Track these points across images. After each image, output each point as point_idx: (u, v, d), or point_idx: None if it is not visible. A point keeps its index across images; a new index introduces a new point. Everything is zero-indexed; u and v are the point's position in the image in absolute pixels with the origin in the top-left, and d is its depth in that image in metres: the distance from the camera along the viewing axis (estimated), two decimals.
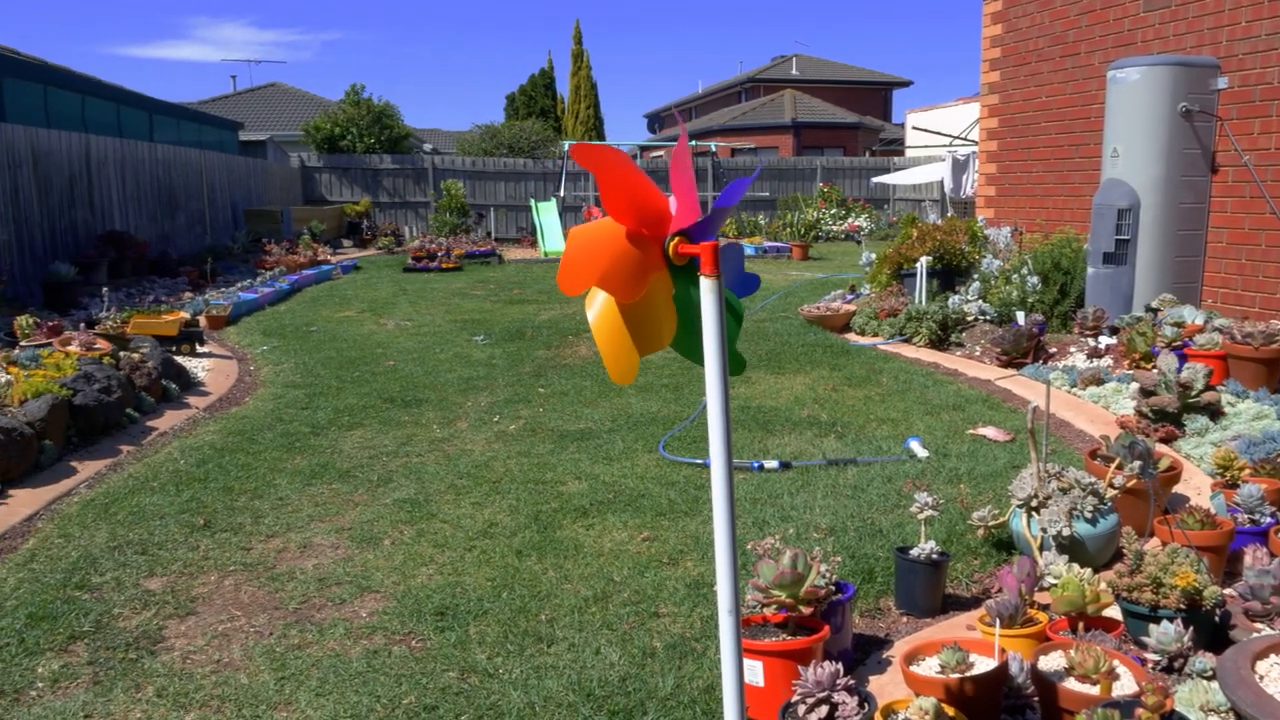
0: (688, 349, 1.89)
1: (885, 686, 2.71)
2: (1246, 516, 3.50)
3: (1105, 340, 6.78)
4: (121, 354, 6.34)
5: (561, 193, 20.37)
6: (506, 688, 2.75)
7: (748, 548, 2.97)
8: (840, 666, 2.35)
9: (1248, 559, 3.09)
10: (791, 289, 11.79)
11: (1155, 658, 2.62)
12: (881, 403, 6.02)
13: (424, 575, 3.54)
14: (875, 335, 8.22)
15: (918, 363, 7.26)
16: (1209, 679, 2.48)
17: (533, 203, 19.45)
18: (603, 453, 5.04)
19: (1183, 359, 5.43)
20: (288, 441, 5.33)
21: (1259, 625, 2.79)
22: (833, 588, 2.79)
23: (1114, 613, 2.89)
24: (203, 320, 9.20)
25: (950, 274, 8.85)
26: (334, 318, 9.99)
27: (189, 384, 6.73)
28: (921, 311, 7.92)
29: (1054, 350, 7.04)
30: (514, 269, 15.49)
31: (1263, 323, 5.71)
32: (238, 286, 11.36)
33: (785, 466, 4.73)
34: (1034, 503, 3.44)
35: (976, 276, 8.31)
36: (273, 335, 8.87)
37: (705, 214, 1.74)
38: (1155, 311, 6.77)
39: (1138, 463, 3.57)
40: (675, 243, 1.74)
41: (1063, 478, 3.49)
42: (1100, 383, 5.97)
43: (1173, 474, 3.88)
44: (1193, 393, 4.97)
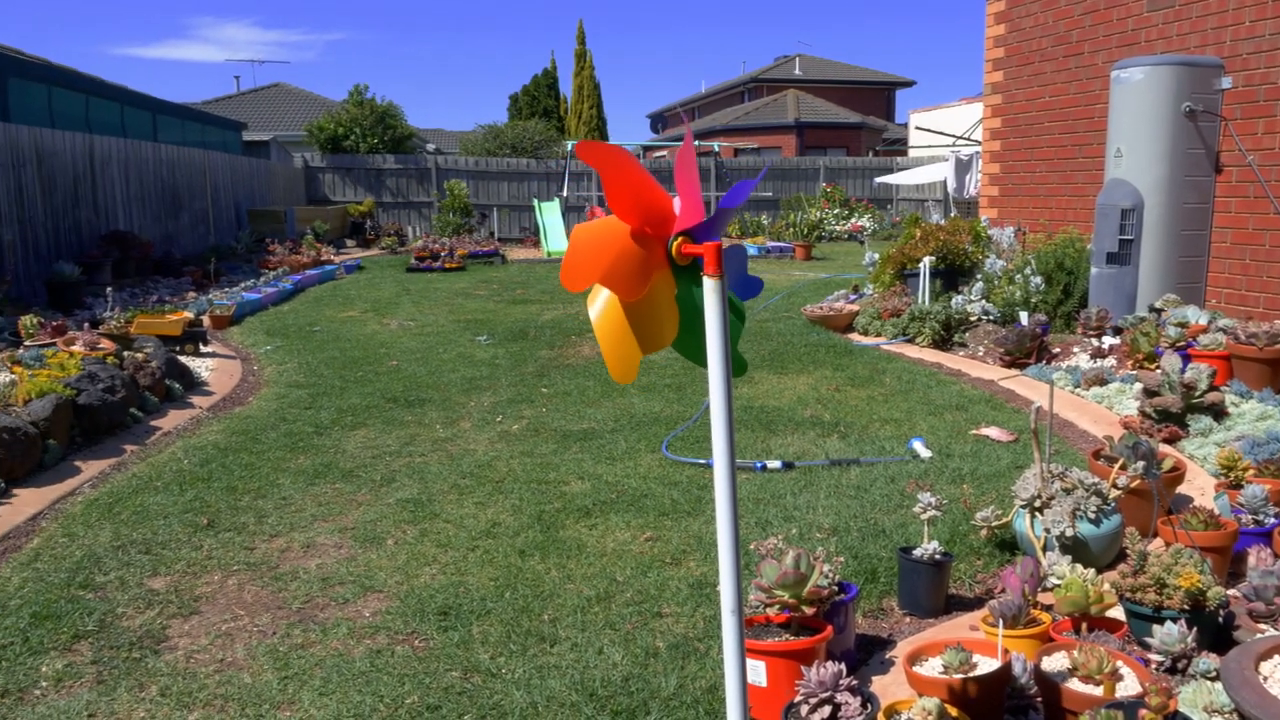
0: (689, 350, 1.89)
1: (888, 687, 2.71)
2: (1250, 517, 3.49)
3: (1109, 340, 6.77)
4: (125, 354, 6.35)
5: (565, 193, 20.38)
6: (509, 687, 2.75)
7: (751, 548, 2.97)
8: (843, 667, 2.35)
9: (1251, 560, 3.08)
10: (794, 289, 11.79)
11: (1159, 658, 2.62)
12: (884, 403, 6.02)
13: (427, 575, 3.54)
14: (878, 335, 8.22)
15: (921, 363, 7.26)
16: (1213, 680, 2.48)
17: (536, 203, 19.47)
18: (606, 453, 5.04)
19: (1186, 359, 5.42)
20: (291, 441, 5.34)
21: (1263, 626, 2.79)
22: (836, 588, 2.79)
23: (1117, 613, 2.89)
24: (206, 320, 9.21)
25: (953, 274, 8.85)
26: (337, 318, 10.00)
27: (193, 384, 6.74)
28: (925, 312, 7.92)
29: (1057, 350, 7.03)
30: (517, 269, 15.50)
31: (1267, 323, 5.70)
32: (241, 286, 11.38)
33: (788, 466, 4.72)
34: (1037, 503, 3.44)
35: (980, 276, 8.31)
36: (276, 335, 8.89)
37: (709, 214, 1.74)
38: (1159, 312, 6.77)
39: (1141, 463, 3.56)
40: (679, 242, 1.74)
41: (1066, 478, 3.49)
42: (1104, 383, 5.96)
43: (1176, 474, 3.87)
44: (1196, 393, 4.96)
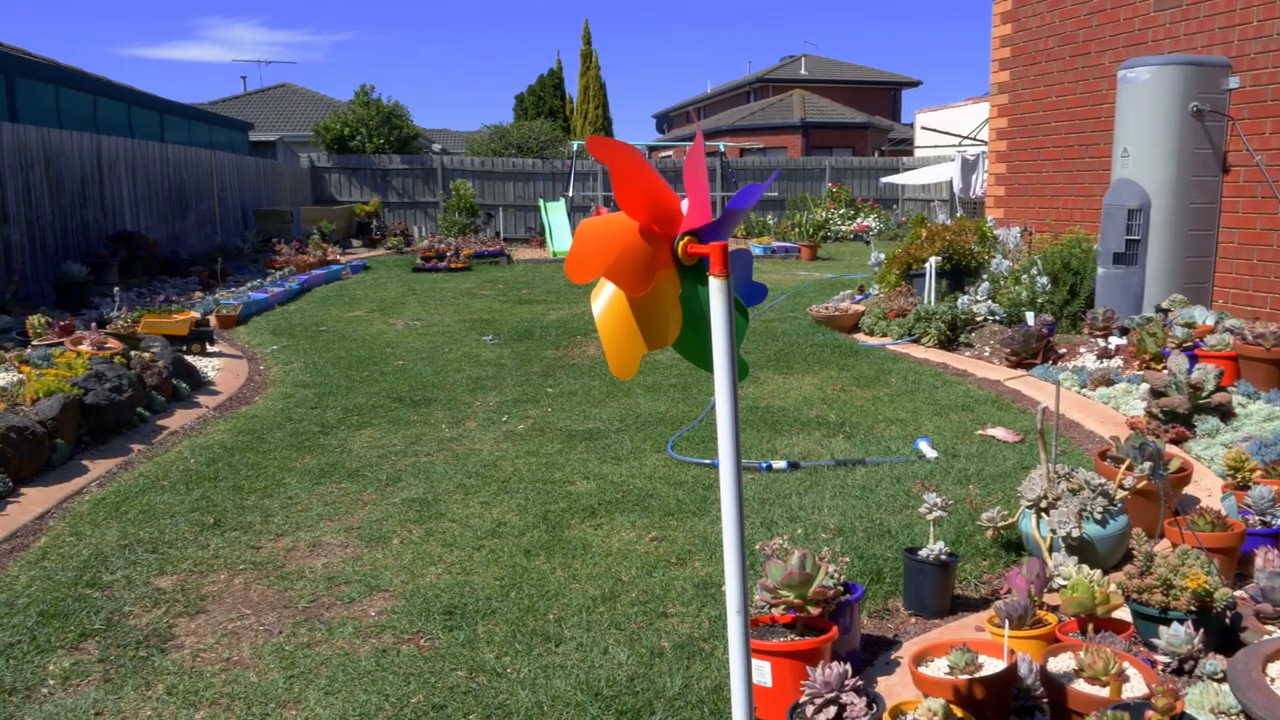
0: (691, 351, 1.89)
1: (894, 687, 2.70)
2: (1258, 518, 3.48)
3: (1115, 341, 6.75)
4: (132, 353, 6.37)
5: (570, 193, 20.39)
6: (515, 687, 2.75)
7: (756, 548, 2.97)
8: (848, 667, 2.34)
9: (1259, 561, 3.08)
10: (800, 289, 11.78)
11: (1165, 660, 2.61)
12: (890, 403, 6.01)
13: (432, 574, 3.55)
14: (884, 335, 8.20)
15: (926, 363, 7.25)
16: (1219, 681, 2.47)
17: (541, 203, 19.49)
18: (611, 452, 5.04)
19: (1193, 360, 5.41)
20: (297, 441, 5.35)
21: (1270, 627, 2.78)
22: (841, 588, 2.79)
23: (1124, 614, 2.89)
24: (213, 320, 9.24)
25: (959, 274, 8.84)
26: (343, 317, 10.02)
27: (199, 383, 6.76)
28: (930, 312, 7.91)
29: (1063, 351, 7.01)
30: (522, 269, 15.52)
31: (1274, 323, 5.69)
32: (248, 286, 11.41)
33: (793, 467, 4.72)
34: (1043, 504, 3.43)
35: (986, 277, 8.29)
36: (282, 335, 8.91)
37: (716, 215, 1.74)
38: (1166, 312, 6.75)
39: (1148, 464, 3.55)
40: (685, 242, 1.74)
41: (1072, 479, 3.48)
42: (1110, 383, 5.95)
43: (1183, 475, 3.86)
44: (1203, 394, 4.95)
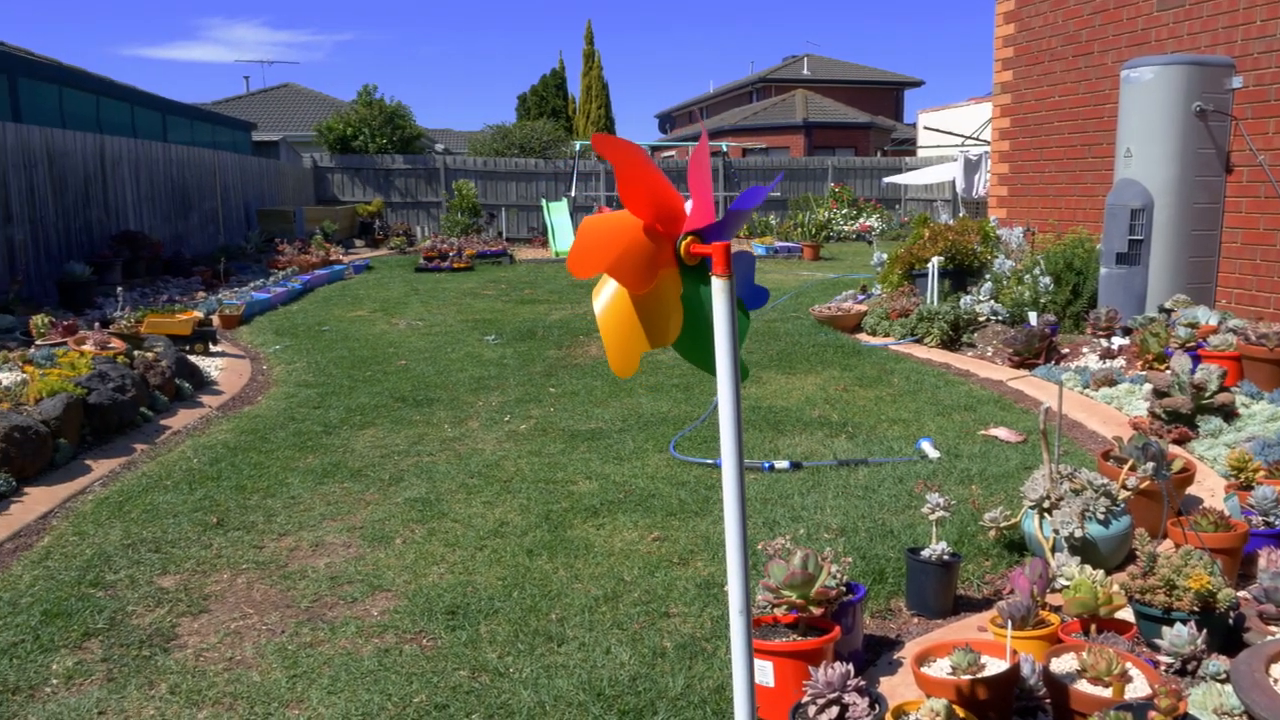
0: (691, 352, 1.89)
1: (896, 688, 2.70)
2: (1261, 519, 3.47)
3: (1118, 341, 6.75)
4: (136, 353, 6.38)
5: (573, 193, 20.40)
6: (517, 687, 2.75)
7: (758, 548, 2.97)
8: (851, 667, 2.34)
9: (1262, 561, 3.07)
10: (802, 289, 11.77)
11: (1168, 660, 2.61)
12: (893, 403, 6.01)
13: (435, 574, 3.55)
14: (886, 335, 8.20)
15: (929, 363, 7.24)
16: (1223, 682, 2.47)
17: (544, 203, 19.49)
18: (613, 452, 5.04)
19: (1196, 360, 5.40)
20: (300, 440, 5.36)
21: (1273, 628, 2.78)
22: (843, 588, 2.79)
23: (1127, 615, 2.88)
24: (216, 320, 9.25)
25: (962, 274, 8.83)
26: (346, 317, 10.03)
27: (202, 383, 6.76)
28: (933, 312, 7.90)
29: (1066, 351, 7.01)
30: (525, 269, 15.52)
31: (1278, 323, 5.68)
32: (251, 286, 11.42)
33: (796, 467, 4.72)
34: (1046, 504, 3.43)
35: (988, 277, 8.28)
36: (285, 335, 8.91)
37: (720, 216, 1.74)
38: (1169, 312, 6.74)
39: (1151, 464, 3.55)
40: (688, 242, 1.75)
41: (1075, 479, 3.48)
42: (1113, 384, 5.94)
43: (1186, 476, 3.86)
44: (1206, 394, 4.94)
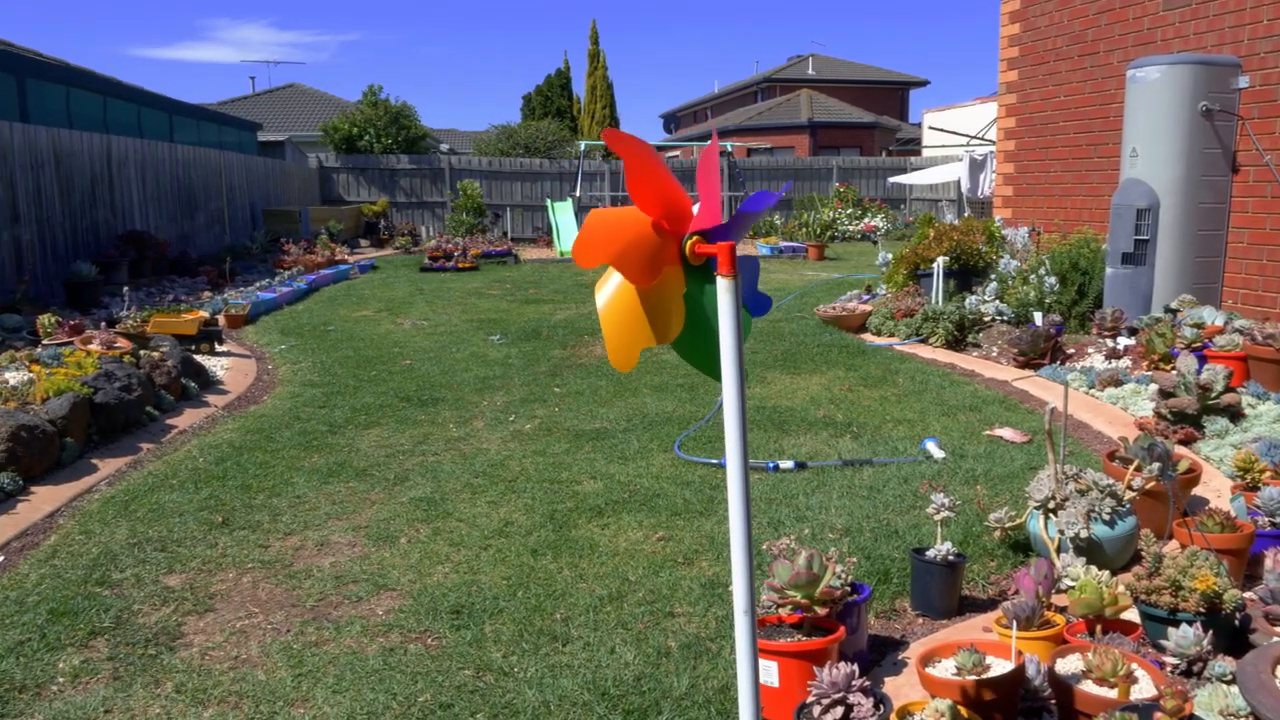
0: (692, 353, 1.88)
1: (901, 688, 2.70)
2: (1267, 519, 3.47)
3: (1124, 341, 6.73)
4: (142, 352, 6.40)
5: (577, 192, 20.40)
6: (522, 686, 2.76)
7: (763, 548, 2.97)
8: (856, 668, 2.34)
9: (1268, 562, 3.06)
10: (807, 289, 11.76)
11: (1174, 661, 2.60)
12: (898, 403, 6.00)
13: (440, 574, 3.55)
14: (891, 335, 8.19)
15: (934, 363, 7.24)
16: (1228, 683, 2.47)
17: (548, 203, 19.50)
18: (618, 452, 5.04)
19: (1202, 360, 5.38)
20: (305, 440, 5.37)
21: (1279, 630, 2.77)
22: (848, 588, 2.79)
23: (1132, 615, 2.88)
24: (221, 319, 9.26)
25: (967, 274, 8.82)
26: (351, 317, 10.05)
27: (208, 382, 6.78)
28: (938, 312, 7.89)
29: (1072, 351, 6.99)
30: (530, 269, 15.53)
31: None
32: (256, 286, 11.44)
33: (801, 467, 4.72)
34: (1051, 504, 3.42)
35: (994, 277, 8.27)
36: (290, 334, 8.93)
37: (727, 218, 1.74)
38: (1174, 312, 6.72)
39: (1156, 465, 3.54)
40: (693, 241, 1.75)
41: (1080, 479, 3.47)
42: (1118, 384, 5.93)
43: (1192, 476, 3.85)
44: (1212, 394, 4.93)
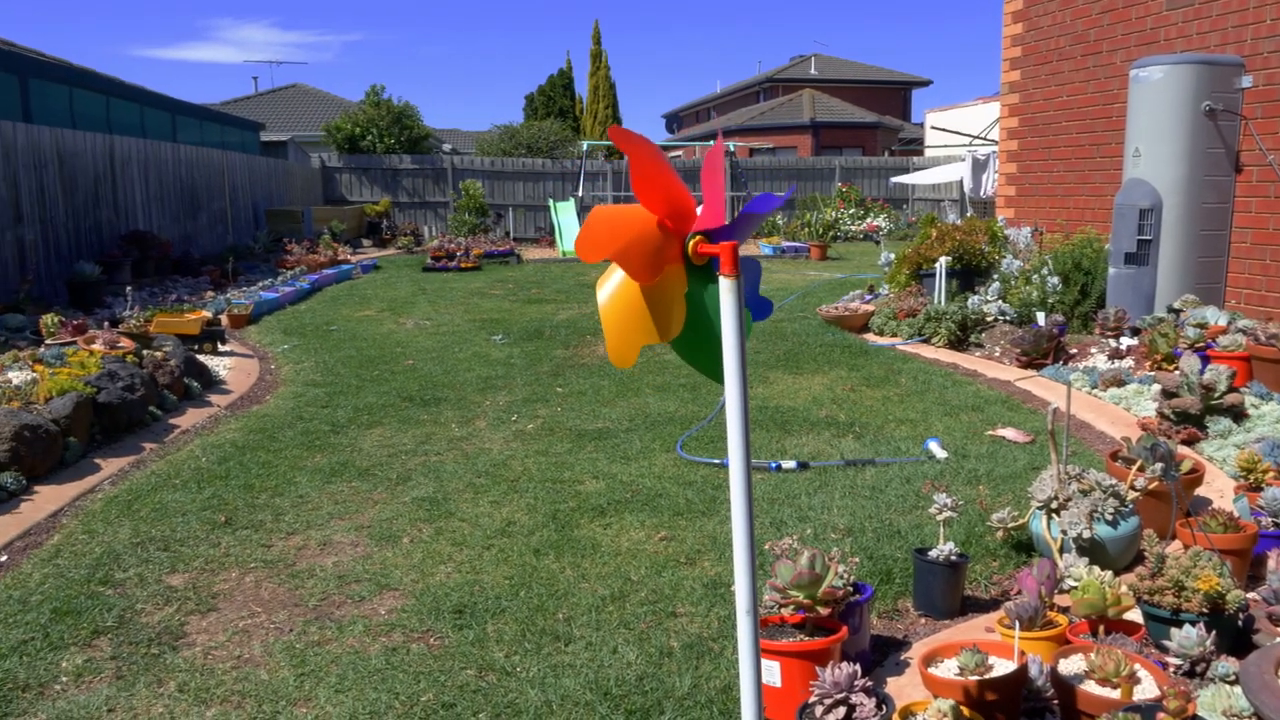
0: (691, 354, 1.88)
1: (903, 688, 2.70)
2: (1270, 520, 3.46)
3: (1126, 341, 6.72)
4: (145, 352, 6.41)
5: (580, 193, 20.39)
6: (524, 686, 2.76)
7: (765, 548, 2.97)
8: (858, 668, 2.34)
9: (1271, 563, 3.06)
10: (809, 289, 11.76)
11: (1177, 662, 2.60)
12: (900, 403, 6.00)
13: (442, 573, 3.56)
14: (894, 335, 8.19)
15: (937, 363, 7.23)
16: (1232, 684, 2.46)
17: (551, 203, 19.50)
18: (620, 452, 5.04)
19: (1205, 360, 5.38)
20: (308, 440, 5.37)
21: None
22: (850, 589, 2.79)
23: (1135, 616, 2.87)
24: (224, 319, 9.28)
25: (970, 274, 8.81)
26: (354, 317, 10.05)
27: (211, 382, 6.79)
28: (940, 312, 7.89)
29: (1074, 351, 6.99)
30: (532, 269, 15.54)
31: None
32: (259, 286, 11.45)
33: (803, 467, 4.72)
34: (1054, 504, 3.42)
35: (996, 277, 8.27)
36: (293, 334, 8.94)
37: (731, 219, 1.75)
38: (1177, 312, 6.71)
39: (1159, 465, 3.54)
40: (696, 241, 1.75)
41: (1083, 479, 3.47)
42: (1121, 384, 5.93)
43: (1195, 476, 3.85)
44: (1215, 394, 4.92)
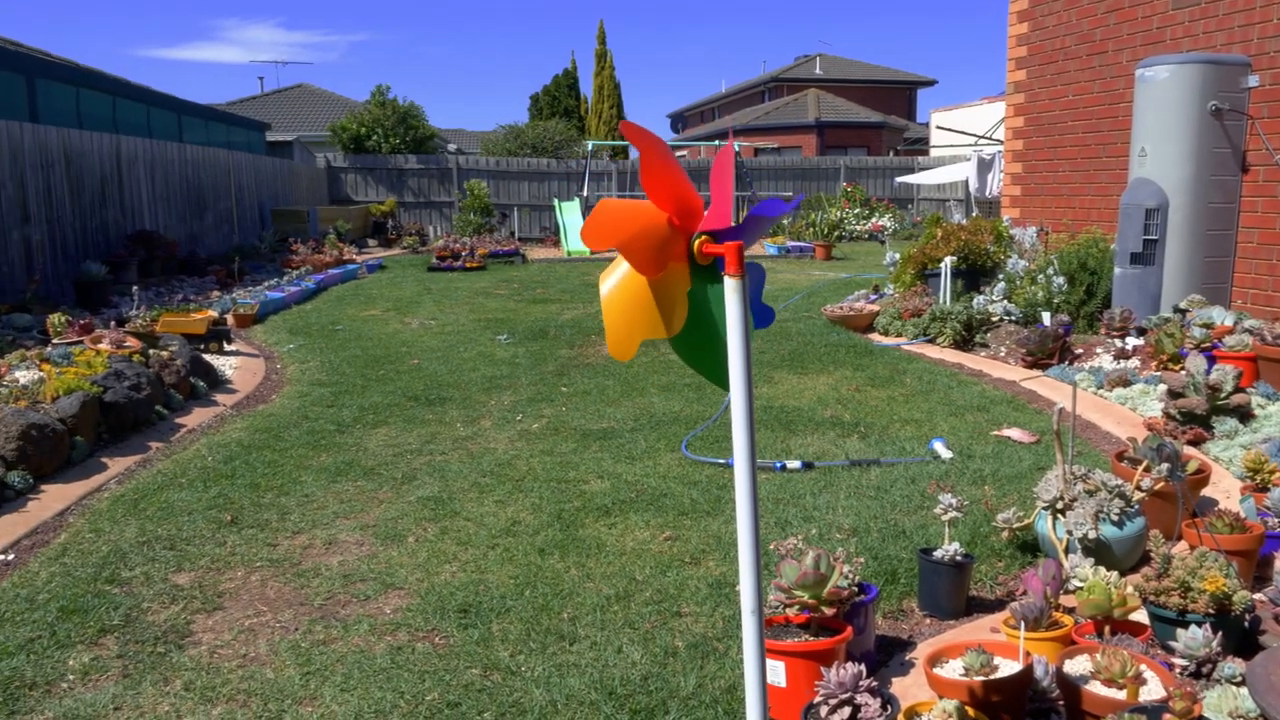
0: (691, 355, 1.88)
1: (908, 689, 2.70)
2: (1277, 520, 3.45)
3: (1132, 341, 6.71)
4: (151, 352, 6.42)
5: (585, 192, 20.41)
6: (529, 685, 2.76)
7: (770, 548, 2.97)
8: (863, 668, 2.34)
9: (1278, 564, 3.05)
10: (814, 289, 11.75)
11: (1183, 663, 2.59)
12: (905, 403, 5.99)
13: (447, 572, 3.56)
14: (899, 335, 8.18)
15: (942, 363, 7.22)
16: (1238, 685, 2.46)
17: (556, 202, 19.52)
18: (625, 452, 5.05)
19: (1211, 360, 5.36)
20: (313, 439, 5.38)
21: None
22: (855, 589, 2.78)
23: (1141, 617, 2.87)
24: (230, 319, 9.30)
25: (975, 274, 8.80)
26: (359, 316, 10.07)
27: (217, 382, 6.80)
28: (946, 312, 7.88)
29: (1080, 351, 6.98)
30: (537, 268, 15.54)
31: None
32: (265, 285, 11.48)
33: (808, 467, 4.71)
34: (1059, 505, 3.42)
35: (1001, 277, 8.25)
36: (299, 334, 8.95)
37: (737, 221, 1.75)
38: (1183, 312, 6.70)
39: (1165, 465, 3.53)
40: (701, 241, 1.75)
41: (1089, 480, 3.46)
42: (1127, 384, 5.91)
43: (1201, 477, 3.84)
44: (1222, 395, 4.91)
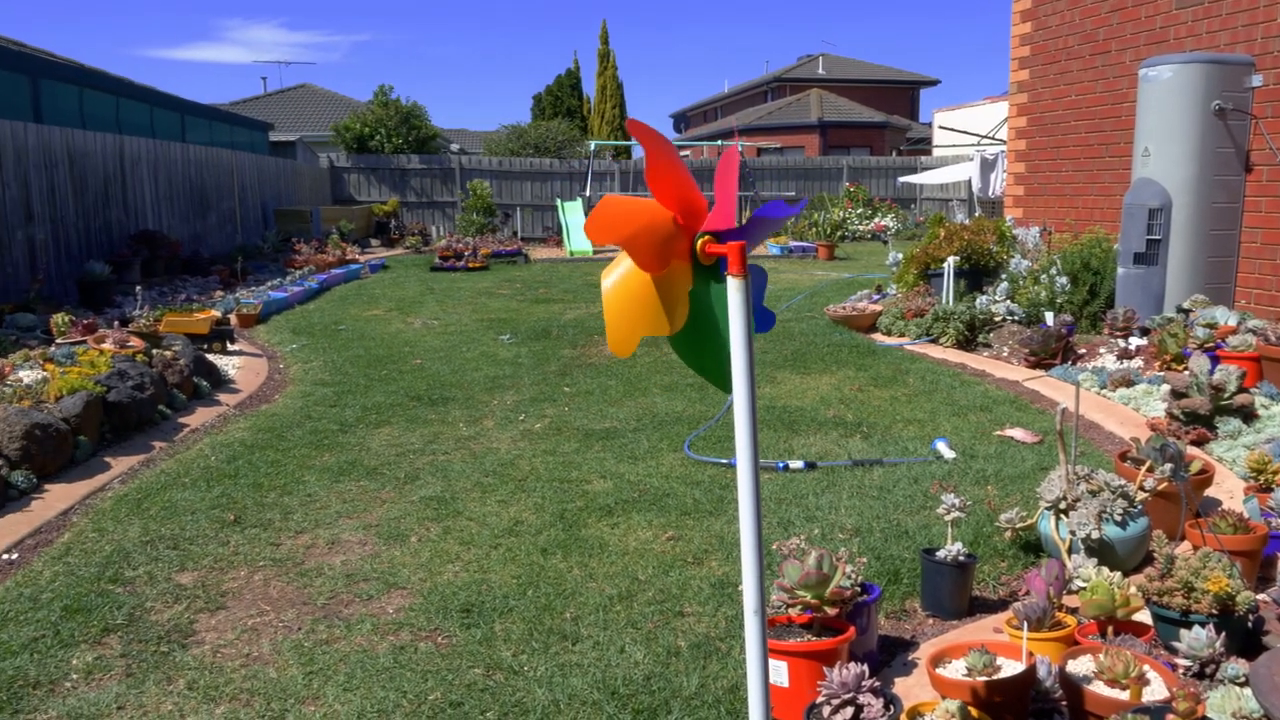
0: (691, 355, 1.88)
1: (911, 689, 2.70)
2: None
3: (1135, 341, 6.70)
4: (154, 351, 6.43)
5: (587, 192, 20.41)
6: (531, 685, 2.76)
7: (773, 548, 2.97)
8: (865, 668, 2.34)
9: None
10: (817, 289, 11.75)
11: (1186, 663, 2.59)
12: (908, 403, 5.99)
13: (450, 572, 3.56)
14: (902, 335, 8.17)
15: (944, 363, 7.22)
16: (1241, 685, 2.45)
17: (558, 202, 19.53)
18: (628, 452, 5.05)
19: (1215, 360, 5.35)
20: (316, 439, 5.39)
21: None
22: (858, 589, 2.78)
23: (1144, 617, 2.87)
24: (233, 319, 9.30)
25: (978, 274, 8.79)
26: (362, 316, 10.08)
27: (220, 381, 6.81)
28: (948, 312, 7.87)
29: (1083, 351, 6.97)
30: (540, 268, 15.55)
31: None
32: (268, 285, 11.48)
33: (810, 467, 4.71)
34: (1063, 505, 3.41)
35: (1004, 277, 8.24)
36: (302, 333, 8.96)
37: (740, 223, 1.75)
38: (1187, 312, 6.69)
39: (1169, 465, 3.53)
40: (704, 241, 1.75)
41: (1092, 480, 3.46)
42: (1130, 384, 5.91)
43: (1204, 477, 3.83)
44: (1225, 395, 4.90)
